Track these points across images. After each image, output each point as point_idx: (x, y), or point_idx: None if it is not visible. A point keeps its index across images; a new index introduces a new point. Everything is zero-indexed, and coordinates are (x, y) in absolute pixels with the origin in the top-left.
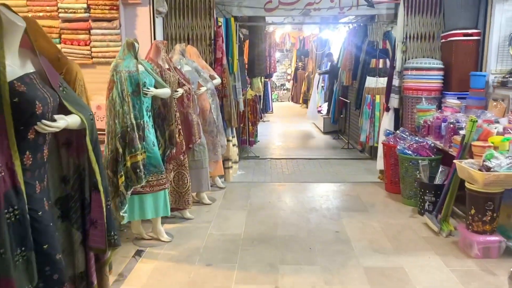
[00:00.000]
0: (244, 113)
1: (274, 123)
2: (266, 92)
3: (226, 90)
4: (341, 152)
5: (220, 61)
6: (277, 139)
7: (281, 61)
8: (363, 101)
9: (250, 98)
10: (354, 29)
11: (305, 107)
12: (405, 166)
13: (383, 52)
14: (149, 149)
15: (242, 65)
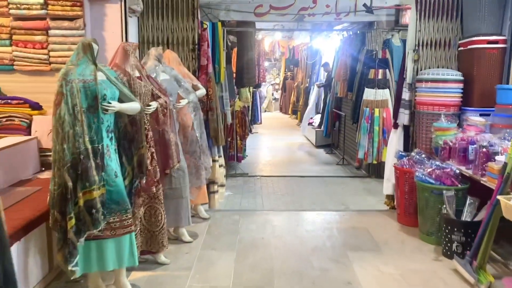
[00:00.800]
0: (232, 126)
1: (263, 135)
2: (255, 102)
3: (212, 103)
4: (336, 169)
5: (205, 69)
6: (267, 153)
7: (268, 71)
8: (361, 115)
9: (238, 110)
10: (349, 37)
11: (295, 117)
12: (425, 197)
13: (382, 62)
14: (110, 181)
15: (230, 74)
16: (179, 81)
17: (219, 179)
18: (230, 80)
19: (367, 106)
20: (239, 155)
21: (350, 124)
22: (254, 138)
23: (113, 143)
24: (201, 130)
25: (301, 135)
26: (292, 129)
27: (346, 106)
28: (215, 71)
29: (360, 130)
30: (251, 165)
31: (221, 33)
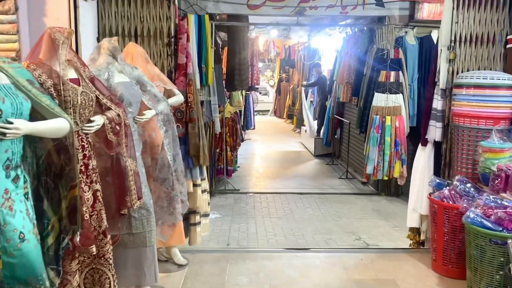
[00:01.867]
0: (221, 136)
1: (256, 141)
2: (247, 106)
3: (192, 112)
4: (340, 184)
5: (184, 68)
6: (261, 163)
7: (262, 72)
8: (370, 123)
9: (228, 117)
10: (354, 35)
11: (290, 122)
12: (479, 246)
13: (395, 63)
14: (11, 249)
15: (220, 75)
16: (143, 85)
17: (202, 207)
18: (220, 83)
19: (377, 114)
20: (229, 169)
21: (356, 133)
22: (246, 146)
23: (19, 185)
24: (175, 150)
25: (298, 142)
26: (287, 135)
27: (350, 113)
28: (202, 72)
29: (368, 141)
30: (243, 179)
31: (209, 27)
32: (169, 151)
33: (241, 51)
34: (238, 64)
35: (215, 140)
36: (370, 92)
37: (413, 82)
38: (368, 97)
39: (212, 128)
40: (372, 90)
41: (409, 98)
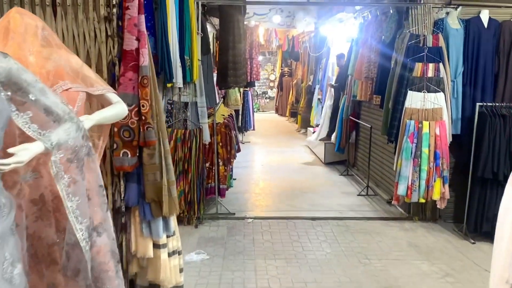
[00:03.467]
0: (212, 147)
1: (256, 145)
2: (246, 105)
3: (148, 132)
4: (359, 203)
5: (134, 58)
6: (261, 175)
7: (262, 66)
8: (402, 130)
9: (221, 122)
10: (375, 19)
11: (293, 121)
12: None
13: (434, 53)
14: None
15: (209, 69)
16: (20, 90)
17: (170, 280)
18: (209, 79)
19: (412, 118)
20: (222, 187)
21: (378, 139)
22: (245, 150)
23: None
24: (99, 216)
25: (304, 146)
26: (291, 136)
27: (370, 114)
28: (184, 65)
29: (400, 154)
30: (240, 197)
31: (193, 5)
32: (77, 220)
33: (237, 40)
34: (233, 56)
35: (203, 152)
36: (402, 90)
37: (456, 78)
38: (399, 97)
39: (200, 137)
40: (404, 88)
41: (451, 98)
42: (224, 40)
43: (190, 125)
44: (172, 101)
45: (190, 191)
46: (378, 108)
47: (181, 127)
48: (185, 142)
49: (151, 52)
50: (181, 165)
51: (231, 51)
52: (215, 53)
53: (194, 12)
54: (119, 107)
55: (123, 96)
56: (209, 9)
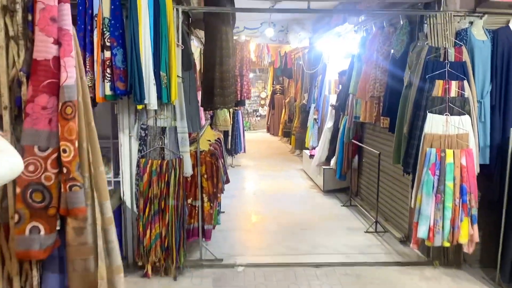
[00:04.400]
0: (194, 179)
1: (247, 168)
2: (236, 125)
3: (74, 193)
4: (369, 242)
5: (51, 74)
6: (254, 206)
7: (253, 83)
8: (421, 160)
9: (206, 150)
10: (382, 31)
11: (287, 141)
12: None
13: (457, 68)
14: None
15: (192, 88)
16: None
17: None
18: (192, 99)
19: (432, 145)
20: (207, 228)
21: (387, 167)
22: (235, 175)
23: None
24: None
25: (300, 170)
26: (285, 158)
27: (375, 138)
28: (160, 82)
29: (420, 188)
30: (228, 236)
31: (171, 14)
32: None
33: (225, 54)
34: (220, 73)
35: (184, 186)
36: (420, 112)
37: (484, 97)
38: (416, 121)
39: (180, 169)
40: (423, 110)
41: (478, 121)
42: (210, 55)
43: (168, 155)
44: (146, 126)
45: (167, 234)
46: (385, 132)
47: (157, 157)
48: (161, 175)
49: (120, 66)
50: (157, 204)
51: (218, 67)
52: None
53: (172, 20)
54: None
55: (31, 134)
56: (195, 20)
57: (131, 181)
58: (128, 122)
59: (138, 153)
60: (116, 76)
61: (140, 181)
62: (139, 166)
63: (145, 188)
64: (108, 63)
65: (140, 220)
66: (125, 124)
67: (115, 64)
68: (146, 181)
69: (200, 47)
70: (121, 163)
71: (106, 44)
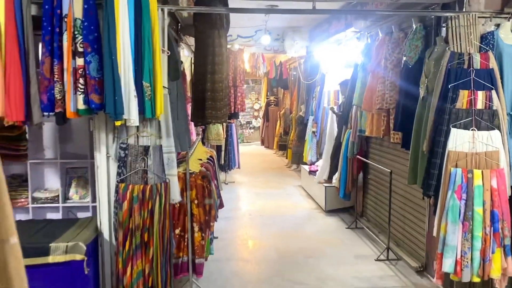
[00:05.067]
0: (183, 206)
1: (241, 185)
2: (230, 140)
3: None
4: (381, 273)
5: None
6: (250, 231)
7: (246, 95)
8: (445, 182)
9: (196, 172)
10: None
11: (282, 155)
12: None
13: (483, 77)
14: None
15: (181, 100)
16: None
17: None
18: (181, 113)
19: (458, 165)
20: (199, 262)
21: (398, 186)
22: (229, 193)
23: None
24: None
25: (298, 186)
26: (282, 173)
27: (383, 153)
28: (142, 94)
29: (445, 215)
30: (222, 269)
31: (156, 15)
32: None
33: (218, 62)
34: (212, 83)
35: (171, 215)
36: (442, 127)
37: None
38: (438, 136)
39: (166, 195)
40: (445, 125)
41: (508, 137)
42: (200, 63)
43: (151, 178)
44: (126, 145)
45: (151, 272)
46: (396, 147)
47: (139, 182)
48: (144, 202)
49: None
50: (139, 236)
51: (209, 77)
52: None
53: (157, 22)
54: None
55: None
56: (185, 26)
57: (109, 209)
58: (105, 140)
59: (117, 177)
60: (90, 88)
61: (119, 209)
62: (118, 192)
63: (125, 218)
64: (80, 72)
65: (120, 255)
66: (102, 142)
67: (89, 73)
68: (126, 210)
69: (191, 56)
70: (97, 188)
71: (78, 50)
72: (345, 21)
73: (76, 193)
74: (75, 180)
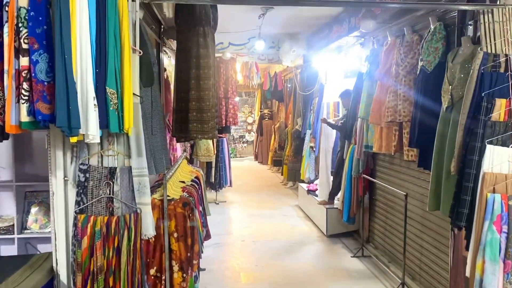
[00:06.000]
0: (159, 241)
1: (233, 205)
2: (221, 156)
3: None
4: None
5: None
6: (242, 261)
7: (239, 108)
8: (480, 211)
9: (176, 199)
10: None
11: (277, 171)
12: None
13: None
14: None
15: (156, 111)
16: None
17: None
18: (156, 126)
19: (496, 190)
20: None
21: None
22: (220, 215)
23: None
24: None
25: (295, 206)
26: (277, 191)
27: (393, 172)
28: (107, 102)
29: (481, 250)
30: None
31: (124, 4)
32: None
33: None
34: (197, 91)
35: (144, 252)
36: (474, 143)
37: None
38: (469, 155)
39: (136, 228)
40: (479, 141)
41: None
42: (183, 68)
43: (119, 208)
44: (87, 167)
45: None
46: (410, 166)
47: (102, 212)
48: (109, 238)
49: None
50: (102, 280)
51: (193, 83)
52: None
53: (127, 14)
54: None
55: None
56: (168, 29)
57: (67, 245)
58: (62, 160)
59: (75, 206)
60: (36, 94)
61: (77, 247)
62: (76, 226)
63: (85, 258)
64: (25, 74)
65: None
66: (59, 163)
67: (35, 76)
68: (86, 248)
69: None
70: (53, 219)
71: (23, 47)
72: (348, 24)
73: (36, 222)
74: (35, 206)
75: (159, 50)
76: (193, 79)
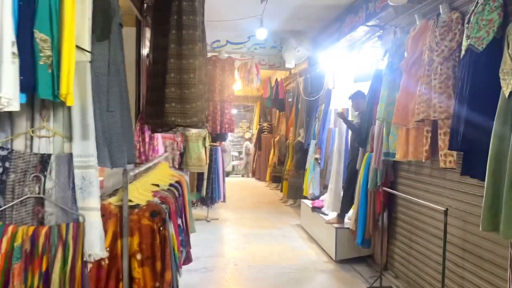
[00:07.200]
0: (115, 264)
1: (226, 223)
2: (214, 166)
3: None
4: None
5: None
6: None
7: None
8: None
9: (142, 206)
10: (434, 22)
11: (276, 187)
12: None
13: None
14: None
15: (116, 73)
16: None
17: None
18: (113, 99)
19: None
20: None
21: (452, 233)
22: (210, 235)
23: None
24: None
25: (297, 225)
26: (276, 210)
27: (424, 184)
28: (34, 52)
29: None
30: None
31: None
32: None
33: (186, 37)
34: (178, 67)
35: (90, 280)
36: None
37: None
38: None
39: (76, 246)
40: None
41: None
42: (160, 44)
43: (52, 215)
44: (7, 152)
45: None
46: (446, 175)
47: (27, 220)
48: (34, 259)
49: None
50: None
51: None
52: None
53: None
54: None
55: None
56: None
57: None
58: None
59: None
60: None
61: None
62: None
63: None
64: None
65: None
66: None
67: None
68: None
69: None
70: None
71: None
72: (365, 12)
73: None
74: None
75: (140, 28)
76: (172, 57)
